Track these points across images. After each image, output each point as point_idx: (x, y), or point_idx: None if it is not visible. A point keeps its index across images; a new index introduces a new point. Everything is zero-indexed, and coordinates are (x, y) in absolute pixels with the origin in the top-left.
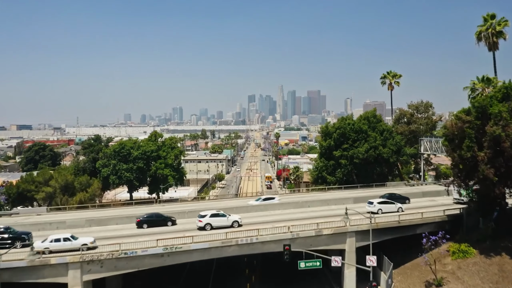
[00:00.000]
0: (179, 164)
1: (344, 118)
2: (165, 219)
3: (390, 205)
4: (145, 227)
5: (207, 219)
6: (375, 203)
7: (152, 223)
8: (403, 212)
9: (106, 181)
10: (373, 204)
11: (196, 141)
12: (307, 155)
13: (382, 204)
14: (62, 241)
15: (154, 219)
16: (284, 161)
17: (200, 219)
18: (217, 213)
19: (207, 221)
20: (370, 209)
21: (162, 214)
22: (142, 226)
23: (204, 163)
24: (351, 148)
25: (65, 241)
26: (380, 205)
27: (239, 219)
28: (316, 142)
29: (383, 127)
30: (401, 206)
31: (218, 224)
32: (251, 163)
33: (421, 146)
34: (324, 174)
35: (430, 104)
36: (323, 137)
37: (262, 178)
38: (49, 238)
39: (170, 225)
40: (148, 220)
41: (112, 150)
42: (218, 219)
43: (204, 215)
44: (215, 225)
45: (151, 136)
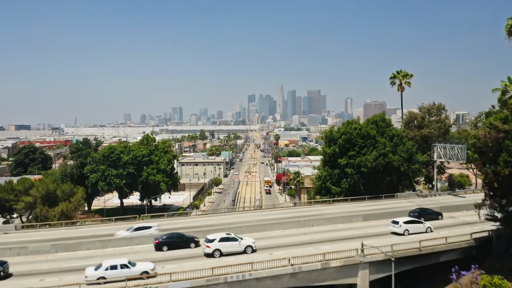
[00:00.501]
0: (173, 169)
1: (350, 122)
2: (188, 239)
3: (418, 225)
4: (165, 249)
5: (216, 244)
6: (401, 223)
7: (173, 245)
8: (432, 232)
9: (95, 187)
10: (399, 224)
11: (195, 142)
12: (308, 157)
13: (409, 224)
14: (119, 268)
15: (176, 240)
16: (284, 164)
17: (207, 244)
18: (228, 236)
19: (216, 247)
20: (394, 230)
21: (184, 234)
22: (161, 249)
23: (201, 166)
24: (358, 155)
25: (122, 268)
26: (407, 225)
27: (252, 244)
28: (316, 143)
29: (393, 132)
30: (430, 225)
31: (229, 249)
32: (250, 166)
33: (434, 152)
34: (328, 184)
35: (443, 107)
36: (327, 143)
37: (261, 182)
38: (104, 265)
39: (193, 246)
40: (169, 242)
41: (101, 154)
42: (229, 244)
43: (212, 239)
44: (225, 251)
45: (143, 139)
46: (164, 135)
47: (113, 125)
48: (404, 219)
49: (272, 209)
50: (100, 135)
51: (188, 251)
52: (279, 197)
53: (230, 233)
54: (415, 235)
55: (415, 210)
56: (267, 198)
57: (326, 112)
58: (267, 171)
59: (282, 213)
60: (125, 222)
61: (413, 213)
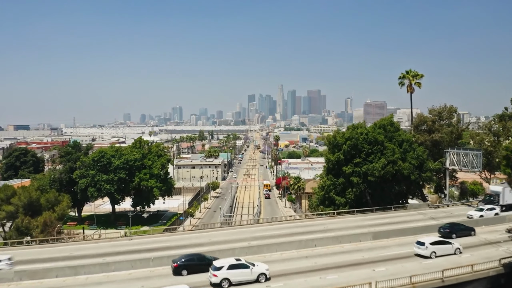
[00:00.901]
0: (167, 173)
1: (355, 126)
2: (209, 262)
3: (446, 246)
4: (185, 274)
5: (224, 273)
6: (427, 244)
7: (194, 268)
8: (461, 253)
9: (84, 193)
10: (425, 246)
11: (193, 143)
12: (308, 159)
13: (437, 246)
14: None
15: (196, 263)
16: (284, 167)
17: (214, 272)
18: (238, 263)
19: (225, 275)
20: (420, 252)
21: (205, 256)
22: (180, 273)
23: (198, 169)
24: (365, 162)
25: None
26: (434, 247)
27: (266, 271)
28: (316, 143)
29: (402, 137)
30: (459, 246)
31: (240, 278)
32: (249, 168)
33: (446, 159)
34: (332, 194)
35: (455, 109)
36: (330, 149)
37: (260, 186)
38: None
39: None
40: (189, 265)
41: (91, 158)
42: (239, 272)
43: (219, 267)
44: (234, 281)
45: (135, 142)
46: (163, 135)
47: (112, 125)
48: (431, 239)
49: (271, 223)
50: (99, 135)
51: None
52: (279, 202)
53: (240, 258)
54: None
55: (445, 226)
56: (266, 203)
57: (326, 112)
58: (266, 174)
59: (281, 228)
60: (106, 240)
61: (443, 229)
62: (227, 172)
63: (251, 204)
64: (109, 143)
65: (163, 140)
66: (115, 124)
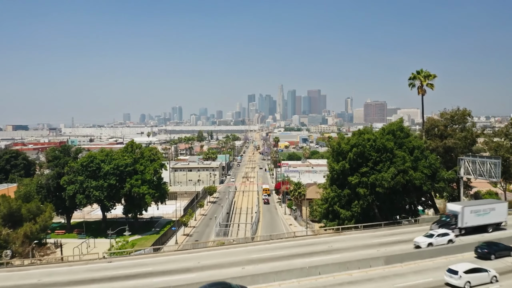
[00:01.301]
0: (160, 179)
1: (361, 132)
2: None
3: (482, 274)
4: None
5: None
6: (460, 273)
7: None
8: (497, 281)
9: (73, 200)
10: (458, 275)
11: (191, 144)
12: (309, 161)
13: (472, 274)
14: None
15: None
16: (283, 169)
17: None
18: None
19: None
20: (452, 282)
21: (231, 285)
22: None
23: (195, 172)
24: (372, 172)
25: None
26: (469, 276)
27: None
28: (317, 144)
29: (413, 144)
30: (496, 274)
31: None
32: (248, 171)
33: (460, 167)
34: (337, 207)
35: (469, 113)
36: (334, 157)
37: (259, 190)
38: None
39: None
40: None
41: (79, 164)
42: None
43: None
44: None
45: (127, 146)
46: (162, 136)
47: (111, 126)
48: (464, 266)
49: (268, 241)
50: (98, 135)
51: None
52: (278, 209)
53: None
54: None
55: (482, 245)
56: (265, 209)
57: (326, 112)
58: (265, 177)
59: (280, 248)
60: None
61: (481, 248)
62: (225, 175)
63: (250, 210)
64: (108, 144)
65: (162, 140)
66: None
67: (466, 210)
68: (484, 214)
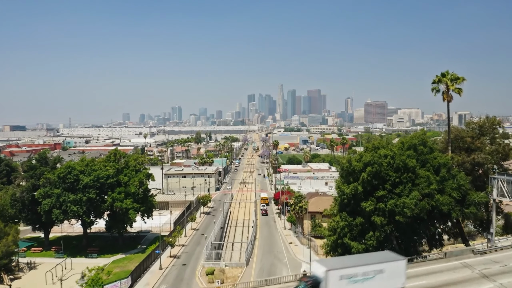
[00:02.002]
0: (146, 191)
1: (376, 146)
2: None
3: None
4: None
5: None
6: None
7: None
8: None
9: (49, 215)
10: None
11: (188, 146)
12: (309, 165)
13: None
14: None
15: None
16: (283, 175)
17: None
18: None
19: None
20: None
21: None
22: None
23: (189, 178)
24: (391, 196)
25: None
26: None
27: None
28: (317, 146)
29: (439, 161)
30: None
31: None
32: (246, 175)
33: (493, 188)
34: (347, 240)
35: (498, 122)
36: (344, 177)
37: (257, 199)
38: None
39: None
40: None
41: (56, 175)
42: None
43: None
44: None
45: (110, 155)
46: (160, 137)
47: (110, 126)
48: None
49: (264, 286)
50: (96, 136)
51: None
52: (277, 222)
53: None
54: None
55: None
56: (263, 222)
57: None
58: (264, 183)
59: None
60: None
61: None
62: (221, 182)
63: (246, 222)
64: (103, 146)
65: (159, 142)
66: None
67: (332, 276)
68: (365, 279)
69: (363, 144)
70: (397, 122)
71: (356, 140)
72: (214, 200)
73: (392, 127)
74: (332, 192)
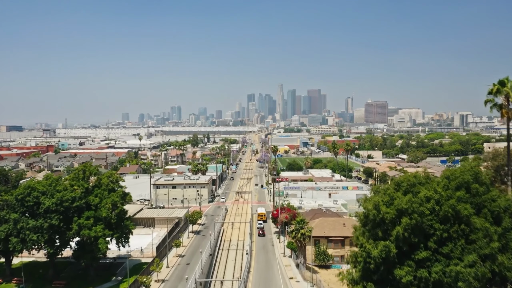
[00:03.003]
0: (122, 213)
1: (412, 182)
2: None
3: None
4: None
5: None
6: None
7: None
8: None
9: (6, 244)
10: None
11: (183, 150)
12: (310, 172)
13: None
14: None
15: None
16: (282, 185)
17: None
18: None
19: None
20: None
21: None
22: None
23: (180, 189)
24: (436, 258)
25: None
26: None
27: None
28: (318, 148)
29: (500, 204)
30: None
31: None
32: (242, 184)
33: None
34: None
35: None
36: (370, 231)
37: (254, 213)
38: None
39: None
40: None
41: (14, 196)
42: None
43: None
44: None
45: (78, 172)
46: (157, 138)
47: (107, 126)
48: None
49: None
50: (93, 136)
51: None
52: (276, 245)
53: None
54: None
55: None
56: (259, 245)
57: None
58: (262, 194)
59: None
60: None
61: None
62: (214, 195)
63: (240, 244)
64: (98, 148)
65: (156, 143)
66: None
67: None
68: None
69: (366, 147)
70: (398, 122)
71: (358, 143)
72: (206, 215)
73: (393, 127)
74: (338, 208)
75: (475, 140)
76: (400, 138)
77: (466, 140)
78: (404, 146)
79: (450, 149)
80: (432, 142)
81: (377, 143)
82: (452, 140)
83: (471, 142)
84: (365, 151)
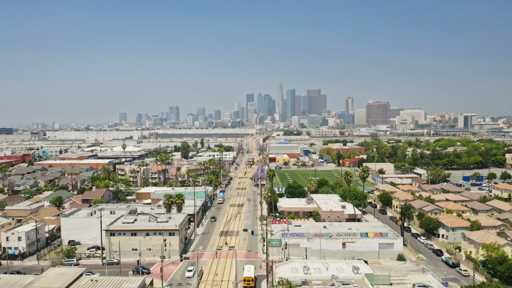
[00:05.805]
0: None
1: None
2: None
3: None
4: None
5: None
6: None
7: None
8: None
9: None
10: None
11: (166, 166)
12: (315, 200)
13: None
14: None
15: None
16: (280, 231)
17: None
18: None
19: None
20: None
21: None
22: None
23: (142, 237)
24: None
25: None
26: None
27: None
28: (321, 158)
29: None
30: None
31: None
32: (229, 219)
33: None
34: None
35: None
36: None
37: (239, 273)
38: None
39: None
40: None
41: None
42: None
43: None
44: None
45: None
46: (148, 145)
47: (99, 129)
48: None
49: None
50: (85, 139)
51: None
52: None
53: None
54: None
55: None
56: None
57: (327, 112)
58: (253, 241)
59: None
60: None
61: None
62: (189, 242)
63: None
64: (78, 157)
65: (145, 151)
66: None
67: None
68: None
69: (375, 159)
70: (400, 124)
71: (364, 151)
72: (172, 280)
73: (395, 129)
74: (359, 280)
75: (494, 149)
76: (408, 145)
77: (486, 151)
78: (418, 157)
79: (469, 161)
80: (445, 151)
81: (385, 151)
82: (467, 149)
83: (491, 152)
84: (374, 164)
